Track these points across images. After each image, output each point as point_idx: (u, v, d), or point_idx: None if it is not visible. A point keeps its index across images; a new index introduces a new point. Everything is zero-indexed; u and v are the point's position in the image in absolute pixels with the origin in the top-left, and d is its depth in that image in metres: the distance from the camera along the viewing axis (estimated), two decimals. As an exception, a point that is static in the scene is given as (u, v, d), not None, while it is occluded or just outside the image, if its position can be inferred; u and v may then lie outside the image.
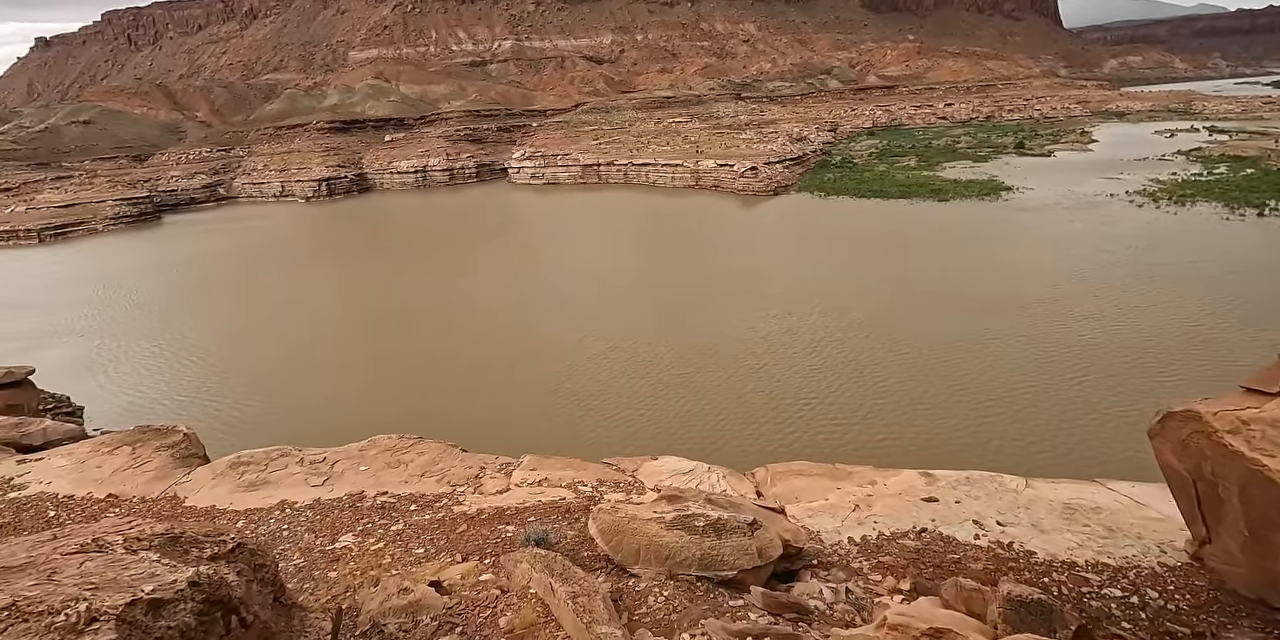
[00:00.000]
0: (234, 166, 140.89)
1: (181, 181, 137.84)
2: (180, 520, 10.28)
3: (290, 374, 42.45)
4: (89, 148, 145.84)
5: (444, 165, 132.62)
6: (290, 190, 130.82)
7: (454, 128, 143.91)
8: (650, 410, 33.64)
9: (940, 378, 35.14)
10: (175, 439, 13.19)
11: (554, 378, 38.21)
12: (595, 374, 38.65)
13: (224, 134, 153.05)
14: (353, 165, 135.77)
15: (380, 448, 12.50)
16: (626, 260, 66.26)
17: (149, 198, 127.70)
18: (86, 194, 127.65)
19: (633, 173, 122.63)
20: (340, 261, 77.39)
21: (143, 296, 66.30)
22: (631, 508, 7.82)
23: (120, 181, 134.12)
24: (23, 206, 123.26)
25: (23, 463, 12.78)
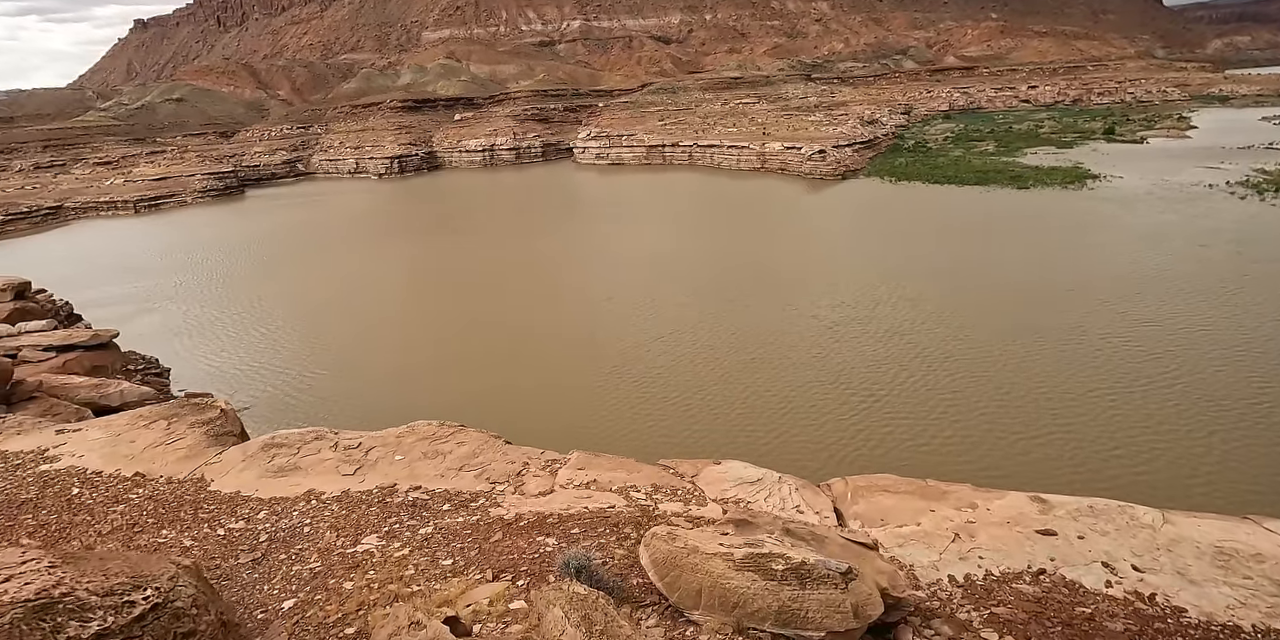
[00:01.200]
0: (312, 143, 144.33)
1: (263, 157, 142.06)
2: (200, 505, 9.44)
3: (353, 347, 42.62)
4: (181, 124, 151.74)
5: (511, 144, 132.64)
6: (364, 167, 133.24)
7: (521, 107, 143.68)
8: (710, 400, 32.04)
9: (1021, 378, 32.36)
10: (211, 415, 12.44)
11: (610, 362, 37.02)
12: (653, 359, 37.28)
13: (303, 112, 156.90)
14: (423, 143, 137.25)
15: (419, 435, 11.43)
16: (689, 243, 64.44)
17: (234, 172, 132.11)
18: (177, 168, 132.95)
19: (698, 154, 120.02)
20: (408, 237, 78.05)
21: (226, 266, 68.34)
22: (693, 536, 6.40)
23: (208, 156, 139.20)
24: (121, 179, 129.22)
25: (61, 433, 12.24)
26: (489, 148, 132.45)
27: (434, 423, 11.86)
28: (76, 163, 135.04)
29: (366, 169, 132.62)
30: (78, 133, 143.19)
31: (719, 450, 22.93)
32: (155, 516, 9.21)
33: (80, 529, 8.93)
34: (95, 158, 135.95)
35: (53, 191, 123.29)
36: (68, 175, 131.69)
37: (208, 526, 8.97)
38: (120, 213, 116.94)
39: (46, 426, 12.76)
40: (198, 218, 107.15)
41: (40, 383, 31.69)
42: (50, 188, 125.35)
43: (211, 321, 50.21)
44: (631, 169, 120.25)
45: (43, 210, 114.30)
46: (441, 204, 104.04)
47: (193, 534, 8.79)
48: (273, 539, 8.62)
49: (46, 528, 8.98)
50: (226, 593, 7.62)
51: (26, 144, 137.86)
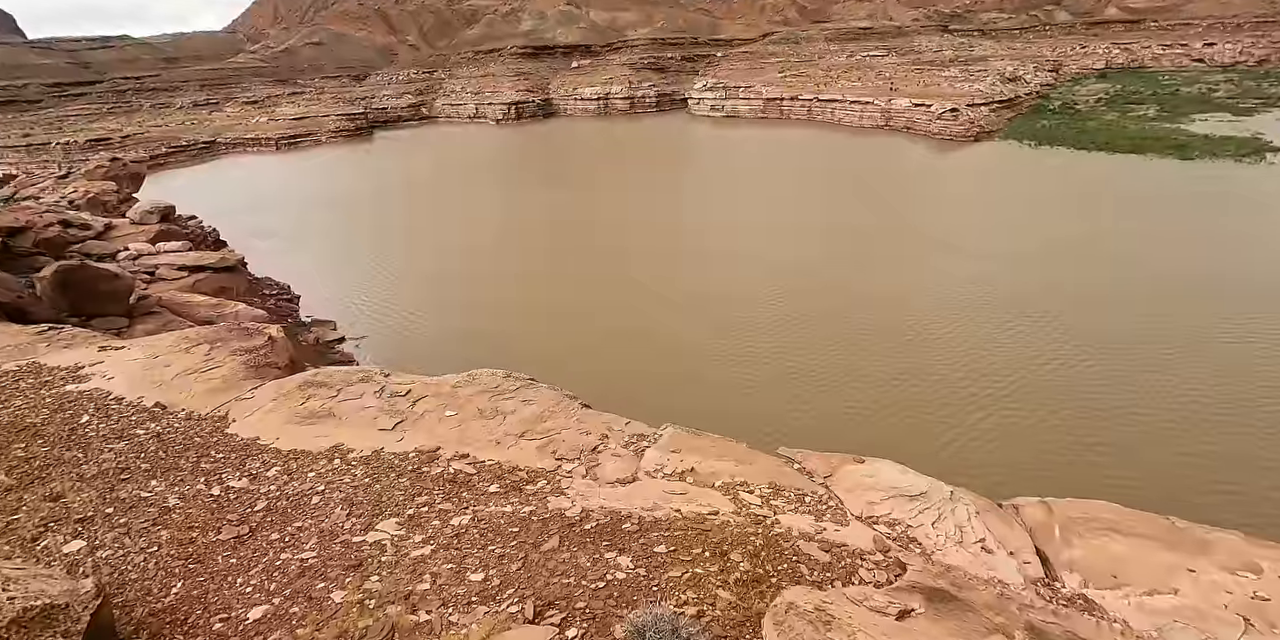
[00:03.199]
0: (435, 88, 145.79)
1: (391, 100, 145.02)
2: (208, 451, 7.50)
3: (450, 287, 41.85)
4: (319, 67, 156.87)
5: (625, 93, 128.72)
6: (483, 112, 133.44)
7: (638, 56, 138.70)
8: (828, 377, 28.48)
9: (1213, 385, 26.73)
10: (257, 343, 10.62)
11: (712, 324, 34.03)
12: (760, 322, 33.98)
13: (429, 57, 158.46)
14: (540, 90, 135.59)
15: (479, 387, 9.09)
16: (802, 199, 59.67)
17: (364, 114, 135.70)
18: (314, 108, 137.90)
19: (817, 109, 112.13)
20: (520, 183, 77.11)
21: (353, 203, 69.95)
22: (854, 614, 3.62)
23: (342, 98, 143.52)
24: (265, 117, 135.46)
25: (103, 350, 10.78)
26: (604, 96, 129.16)
27: (499, 373, 9.48)
28: (228, 102, 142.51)
29: (485, 114, 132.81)
30: (229, 74, 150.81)
31: (845, 443, 19.69)
32: (151, 462, 7.33)
33: (63, 469, 7.16)
34: (244, 97, 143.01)
35: (207, 127, 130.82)
36: (220, 113, 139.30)
37: (204, 481, 6.99)
38: (263, 149, 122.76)
39: (94, 341, 11.40)
40: (329, 156, 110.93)
41: (159, 298, 32.23)
42: (205, 124, 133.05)
43: (336, 254, 51.31)
44: (746, 122, 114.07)
45: (198, 144, 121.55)
46: (554, 151, 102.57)
47: (183, 491, 6.82)
48: (271, 509, 6.51)
49: (29, 462, 7.28)
50: (190, 581, 5.55)
51: (187, 83, 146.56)
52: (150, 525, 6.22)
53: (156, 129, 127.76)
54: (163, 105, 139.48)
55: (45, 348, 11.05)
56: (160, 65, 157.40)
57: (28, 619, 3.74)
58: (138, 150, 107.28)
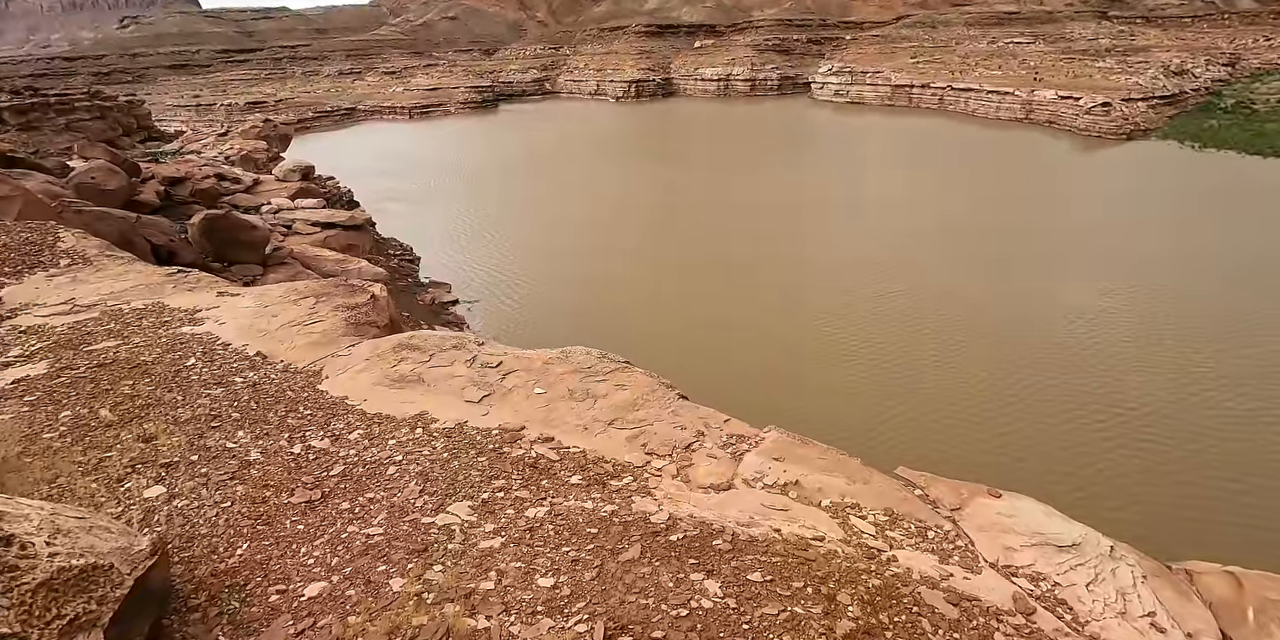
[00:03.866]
0: (560, 64, 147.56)
1: (517, 75, 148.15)
2: (297, 406, 7.32)
3: (560, 260, 42.15)
4: (452, 40, 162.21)
5: (747, 75, 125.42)
6: (603, 89, 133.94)
7: (763, 37, 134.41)
8: (948, 391, 26.40)
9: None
10: (360, 300, 10.51)
11: (820, 319, 32.43)
12: (871, 326, 32.08)
13: (556, 34, 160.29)
14: (661, 70, 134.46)
15: (571, 365, 8.51)
16: (927, 195, 55.95)
17: (491, 87, 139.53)
18: (446, 80, 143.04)
19: (950, 98, 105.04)
20: (636, 160, 76.91)
21: (476, 172, 72.30)
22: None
23: (472, 71, 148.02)
24: (401, 87, 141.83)
25: (221, 296, 11.01)
26: (724, 77, 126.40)
27: (594, 352, 8.85)
28: (369, 71, 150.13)
29: (605, 92, 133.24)
30: (372, 45, 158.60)
31: (971, 470, 18.03)
32: (242, 411, 7.20)
33: (161, 410, 7.14)
34: (383, 67, 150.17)
35: (349, 95, 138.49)
36: (362, 82, 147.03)
37: (287, 438, 6.76)
38: (398, 117, 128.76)
39: (215, 286, 11.71)
40: (457, 126, 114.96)
41: (291, 251, 34.05)
42: (348, 91, 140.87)
43: (457, 220, 53.16)
44: (871, 109, 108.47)
45: (341, 110, 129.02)
46: (671, 130, 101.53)
47: (265, 445, 6.62)
48: (346, 475, 6.17)
49: (133, 400, 7.33)
50: (255, 544, 5.26)
51: (334, 53, 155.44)
52: (228, 479, 6.02)
53: (305, 94, 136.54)
54: (312, 73, 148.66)
55: (172, 289, 11.44)
56: (312, 36, 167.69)
57: (61, 581, 3.40)
58: (288, 113, 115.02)
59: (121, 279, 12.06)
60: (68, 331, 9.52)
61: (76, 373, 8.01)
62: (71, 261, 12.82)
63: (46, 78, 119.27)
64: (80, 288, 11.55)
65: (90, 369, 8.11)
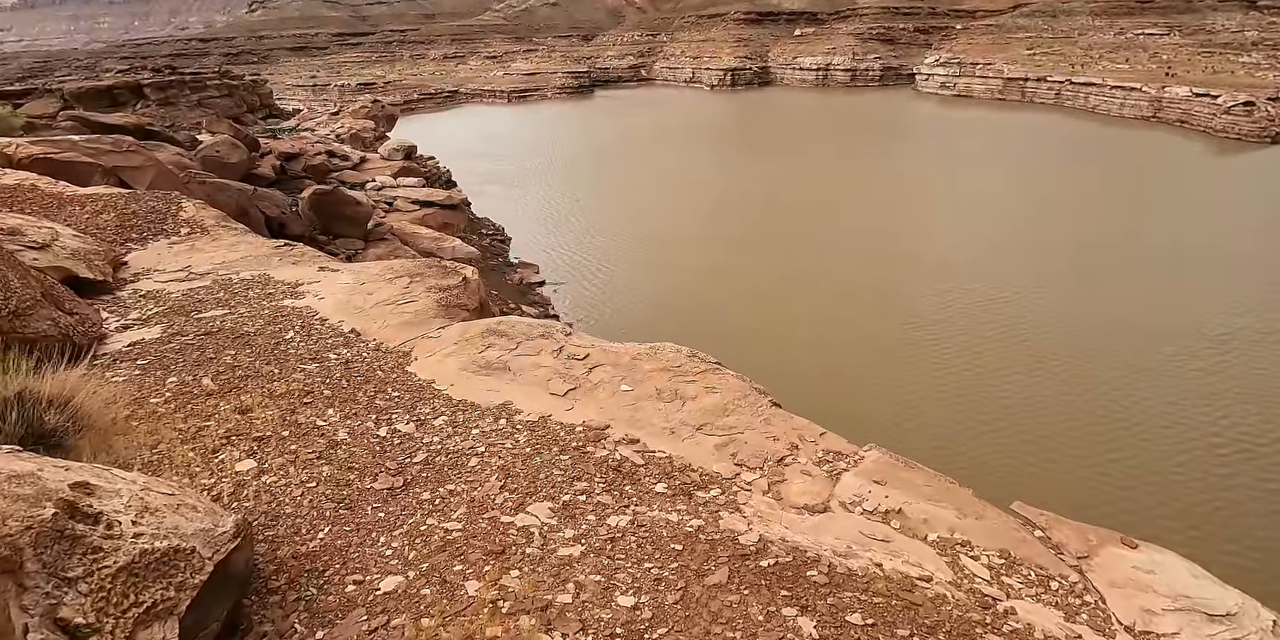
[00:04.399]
0: (656, 51, 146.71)
1: (613, 61, 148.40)
2: (386, 387, 7.27)
3: (648, 249, 41.90)
4: (552, 26, 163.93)
5: (848, 65, 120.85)
6: (699, 77, 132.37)
7: (867, 25, 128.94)
8: (1048, 404, 24.59)
9: None
10: (452, 282, 10.48)
11: (920, 329, 30.80)
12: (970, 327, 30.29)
13: (654, 20, 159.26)
14: (758, 58, 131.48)
15: (660, 363, 8.12)
16: (1039, 197, 52.25)
17: (587, 73, 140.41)
18: (545, 65, 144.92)
19: (1068, 93, 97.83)
20: (728, 150, 75.70)
21: (569, 157, 73.05)
22: None
23: (569, 57, 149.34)
24: (501, 72, 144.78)
25: (322, 271, 11.25)
26: (824, 67, 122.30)
27: (684, 350, 8.43)
28: (471, 56, 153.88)
29: (700, 79, 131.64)
30: (476, 30, 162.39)
31: (1071, 496, 16.54)
32: (333, 389, 7.21)
33: (258, 382, 7.24)
34: (485, 52, 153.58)
35: (452, 78, 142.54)
36: (465, 65, 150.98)
37: (375, 419, 6.70)
38: (497, 100, 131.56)
39: (316, 261, 11.99)
40: (553, 110, 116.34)
41: (391, 227, 35.11)
42: (451, 75, 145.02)
43: (549, 203, 53.83)
44: (980, 103, 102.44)
45: (444, 93, 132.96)
46: (767, 120, 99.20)
47: (353, 426, 6.57)
48: (429, 463, 6.02)
49: (234, 371, 7.47)
50: (337, 528, 5.16)
51: (440, 37, 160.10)
52: (316, 458, 5.98)
53: (412, 77, 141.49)
54: (419, 56, 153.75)
55: (278, 262, 11.81)
56: (421, 21, 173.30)
57: (142, 565, 3.29)
58: (395, 95, 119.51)
59: (234, 249, 12.57)
60: (181, 298, 9.92)
61: (185, 339, 8.28)
62: (191, 230, 13.47)
63: (183, 58, 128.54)
64: (196, 256, 12.09)
65: (198, 337, 8.36)
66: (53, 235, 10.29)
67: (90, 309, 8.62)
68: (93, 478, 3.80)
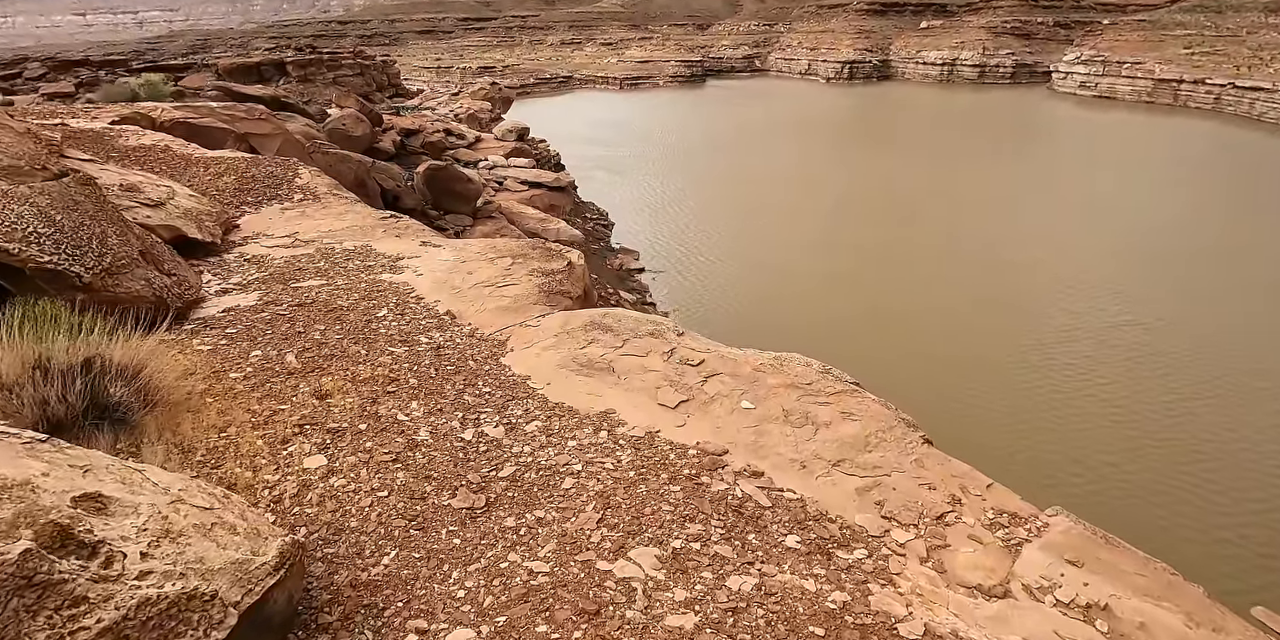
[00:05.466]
0: (772, 41, 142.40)
1: (728, 51, 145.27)
2: (476, 380, 6.40)
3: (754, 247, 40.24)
4: (668, 14, 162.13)
5: (976, 60, 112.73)
6: (815, 69, 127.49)
7: (1001, 18, 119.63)
8: (1192, 449, 21.56)
9: None
10: (556, 266, 9.57)
11: (1041, 346, 27.83)
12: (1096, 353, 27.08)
13: (772, 10, 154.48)
14: (879, 50, 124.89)
15: (787, 378, 6.85)
16: (1188, 210, 46.50)
17: (700, 62, 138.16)
18: (658, 53, 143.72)
19: (1229, 98, 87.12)
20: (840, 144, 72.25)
21: (677, 145, 71.95)
22: None
23: (683, 46, 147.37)
24: (615, 58, 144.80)
25: (424, 245, 10.63)
26: (950, 62, 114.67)
27: (815, 364, 7.12)
28: (588, 42, 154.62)
29: (816, 71, 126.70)
30: (593, 17, 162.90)
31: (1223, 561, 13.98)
32: (420, 378, 6.41)
33: (343, 364, 6.54)
34: (601, 39, 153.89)
35: (568, 64, 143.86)
36: (580, 52, 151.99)
37: (461, 418, 5.83)
38: (609, 87, 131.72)
39: (420, 235, 11.41)
40: (664, 98, 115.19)
41: (499, 206, 35.12)
42: (566, 60, 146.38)
43: (655, 191, 53.05)
44: (1124, 106, 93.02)
45: (559, 78, 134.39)
46: (885, 116, 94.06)
47: (436, 424, 5.72)
48: (516, 480, 5.06)
49: (320, 349, 6.82)
50: (405, 553, 4.28)
51: (559, 23, 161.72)
52: (391, 461, 5.16)
53: (530, 62, 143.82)
54: (537, 42, 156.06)
55: (381, 233, 11.32)
56: (541, 7, 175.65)
57: (137, 622, 2.43)
58: (512, 78, 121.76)
59: (341, 218, 12.22)
60: (283, 266, 9.52)
61: (278, 310, 7.76)
62: (304, 197, 13.28)
63: (323, 38, 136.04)
64: (305, 222, 11.80)
65: (291, 307, 7.82)
66: (169, 194, 10.14)
67: (191, 271, 8.27)
68: (113, 484, 3.02)
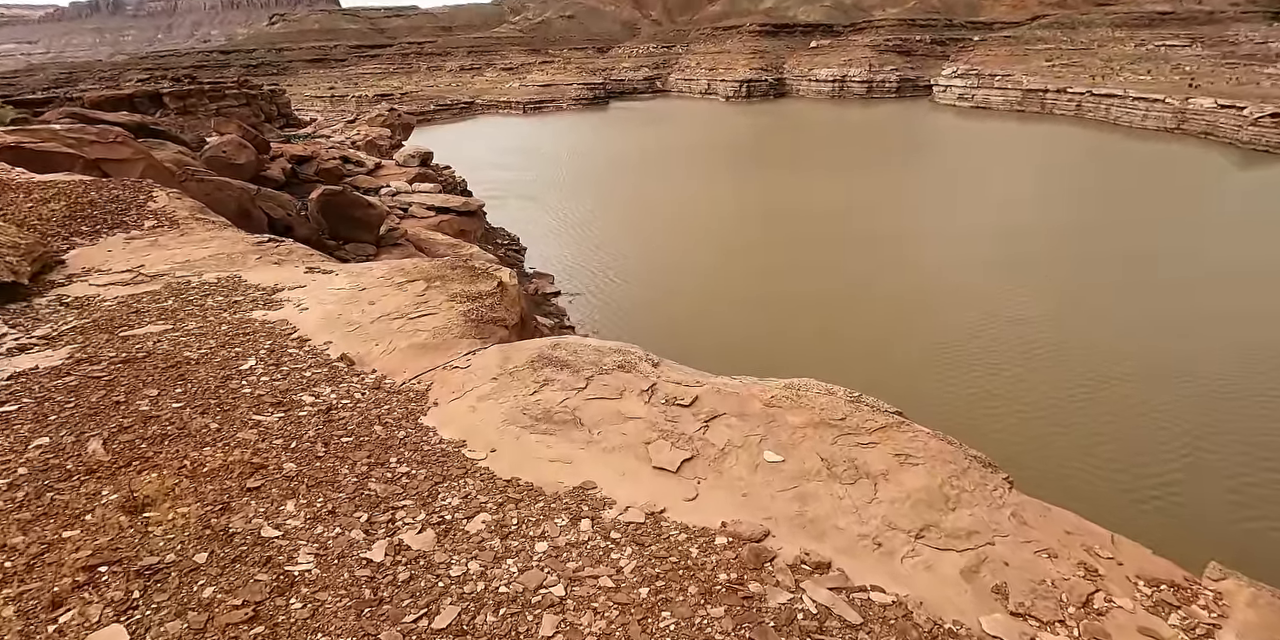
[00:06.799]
0: (671, 63, 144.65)
1: (628, 73, 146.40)
2: (389, 453, 4.35)
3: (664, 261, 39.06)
4: (568, 39, 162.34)
5: (864, 77, 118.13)
6: (714, 89, 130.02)
7: (883, 37, 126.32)
8: (1098, 430, 21.52)
9: None
10: (484, 288, 7.55)
11: (941, 343, 27.78)
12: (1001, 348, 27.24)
13: (669, 32, 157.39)
14: (774, 69, 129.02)
15: (813, 415, 5.12)
16: (1064, 210, 48.96)
17: (602, 84, 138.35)
18: (560, 77, 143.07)
19: (1089, 105, 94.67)
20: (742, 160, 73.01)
21: (583, 167, 70.56)
22: None
23: (585, 69, 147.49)
24: (517, 83, 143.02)
25: (310, 272, 8.37)
26: (839, 79, 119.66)
27: (840, 391, 5.44)
28: (488, 67, 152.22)
29: (716, 91, 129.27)
30: (492, 42, 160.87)
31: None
32: (301, 460, 4.28)
33: (181, 448, 4.33)
34: (502, 64, 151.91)
35: (469, 89, 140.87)
36: (481, 77, 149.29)
37: (364, 524, 3.76)
38: (512, 111, 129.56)
39: (307, 260, 9.12)
40: (568, 121, 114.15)
41: (405, 232, 32.29)
42: (467, 86, 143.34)
43: (563, 214, 51.28)
44: (998, 115, 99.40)
45: (460, 104, 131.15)
46: (782, 132, 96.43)
47: (322, 540, 3.62)
48: (463, 634, 3.06)
49: (147, 426, 4.56)
50: None
51: (457, 49, 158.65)
52: (247, 620, 3.05)
53: (429, 88, 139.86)
54: (436, 68, 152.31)
55: (255, 261, 8.94)
56: (438, 32, 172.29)
57: None
58: (412, 105, 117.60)
59: (205, 245, 9.73)
60: (115, 307, 7.06)
61: (93, 369, 5.40)
62: (157, 223, 10.63)
63: (204, 69, 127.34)
64: (155, 253, 9.25)
65: (112, 365, 5.48)
66: (-54, 221, 7.48)
67: (-40, 323, 5.78)
68: None
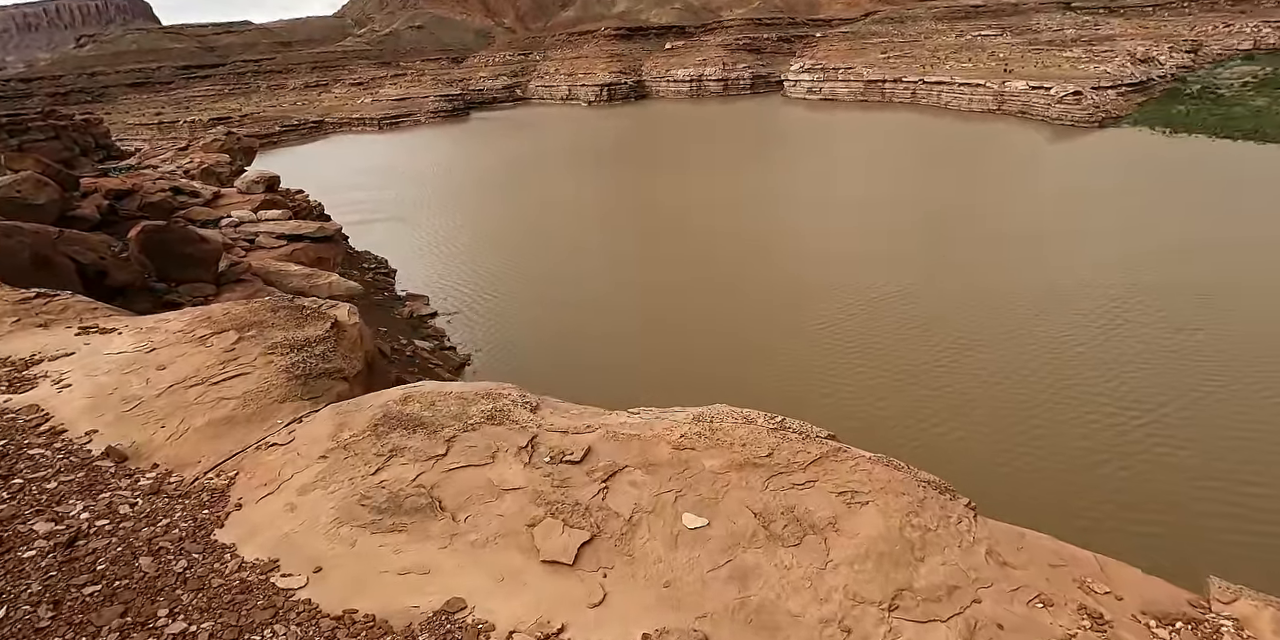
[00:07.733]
0: (530, 70, 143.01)
1: (487, 82, 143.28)
2: (157, 597, 2.96)
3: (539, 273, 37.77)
4: (420, 50, 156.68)
5: (719, 75, 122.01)
6: (575, 94, 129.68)
7: (734, 36, 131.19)
8: (962, 387, 22.59)
9: None
10: (315, 332, 6.07)
11: (821, 320, 28.39)
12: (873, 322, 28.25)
13: (524, 40, 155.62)
14: (633, 72, 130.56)
15: (734, 454, 4.17)
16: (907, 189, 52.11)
17: (461, 95, 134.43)
18: (415, 90, 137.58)
19: (922, 92, 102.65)
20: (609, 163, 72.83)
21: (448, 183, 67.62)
22: None
23: (440, 80, 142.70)
24: (369, 98, 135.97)
25: (83, 333, 6.50)
26: (696, 78, 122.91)
27: (758, 417, 4.52)
28: (336, 83, 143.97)
29: (577, 96, 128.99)
30: (338, 57, 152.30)
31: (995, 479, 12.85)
32: (19, 629, 2.79)
33: None
34: (350, 79, 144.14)
35: (316, 107, 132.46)
36: (329, 94, 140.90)
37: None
38: (367, 128, 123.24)
39: (86, 317, 7.18)
40: (428, 136, 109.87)
41: (250, 266, 28.82)
42: (315, 104, 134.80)
43: (432, 232, 48.61)
44: (845, 106, 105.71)
45: (308, 123, 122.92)
46: (645, 133, 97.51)
47: None
48: None
49: None
50: None
51: (300, 66, 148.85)
52: None
53: (271, 109, 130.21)
54: (278, 87, 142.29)
55: (11, 324, 6.90)
56: (276, 49, 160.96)
57: None
58: (254, 127, 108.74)
59: (-60, 311, 7.52)
60: None
61: None
62: (-125, 287, 8.19)
63: (1, 101, 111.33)
64: None
65: None
66: None
67: None
68: None
